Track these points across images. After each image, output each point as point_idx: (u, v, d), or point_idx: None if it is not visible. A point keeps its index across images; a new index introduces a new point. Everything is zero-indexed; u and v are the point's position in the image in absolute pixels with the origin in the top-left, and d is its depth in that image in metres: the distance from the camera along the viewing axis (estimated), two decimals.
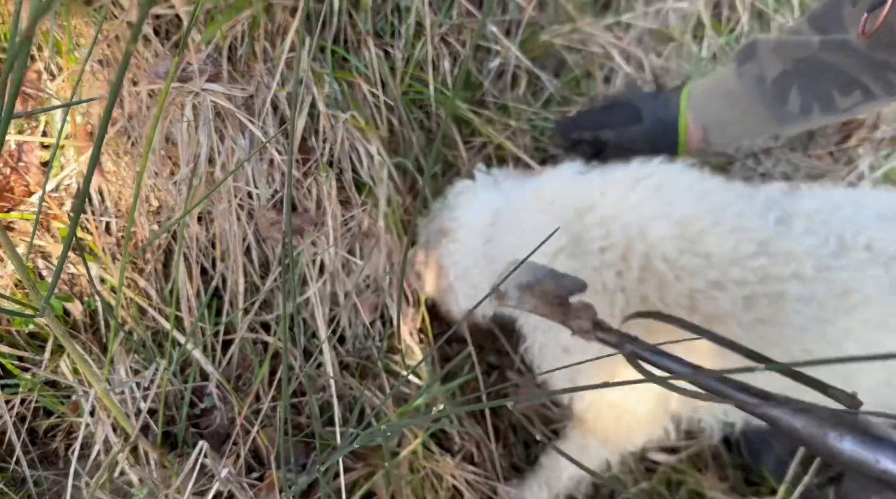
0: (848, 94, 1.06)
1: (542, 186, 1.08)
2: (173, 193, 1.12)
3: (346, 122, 1.24)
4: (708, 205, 0.95)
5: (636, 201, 0.97)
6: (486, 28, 1.53)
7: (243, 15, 1.20)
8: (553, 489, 1.28)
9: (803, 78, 1.09)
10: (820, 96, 1.09)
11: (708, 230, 0.92)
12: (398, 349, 1.32)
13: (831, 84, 1.07)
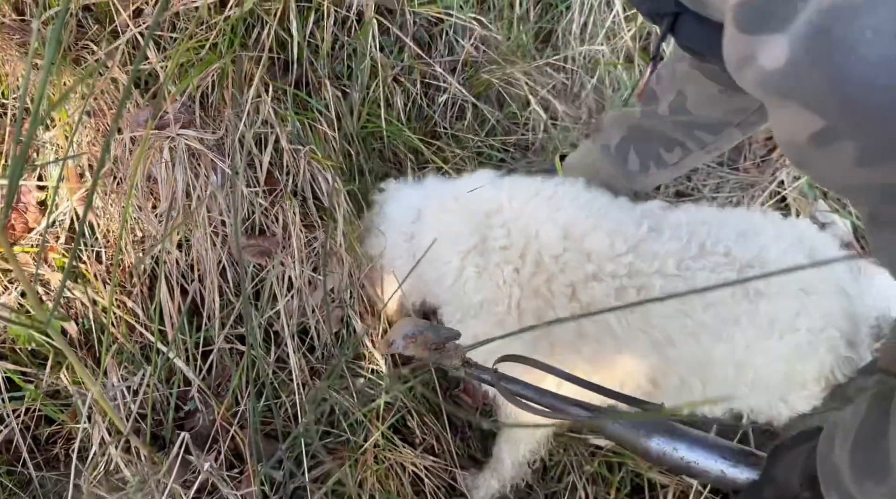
0: (671, 151, 1.29)
1: (458, 190, 1.26)
2: (155, 224, 1.28)
3: (307, 155, 1.41)
4: (590, 212, 1.14)
5: (534, 207, 1.16)
6: (434, 68, 1.71)
7: (213, 67, 1.37)
8: (500, 477, 1.43)
9: (636, 142, 1.32)
10: (652, 155, 1.32)
11: (588, 232, 1.10)
12: (363, 355, 1.48)
13: (658, 145, 1.29)
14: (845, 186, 0.46)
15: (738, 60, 0.48)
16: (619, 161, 1.36)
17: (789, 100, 0.44)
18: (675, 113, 1.23)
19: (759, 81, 0.46)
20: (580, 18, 1.97)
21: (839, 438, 0.67)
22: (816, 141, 0.44)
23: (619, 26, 1.96)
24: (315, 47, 1.58)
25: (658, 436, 0.83)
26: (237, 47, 1.45)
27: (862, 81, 0.38)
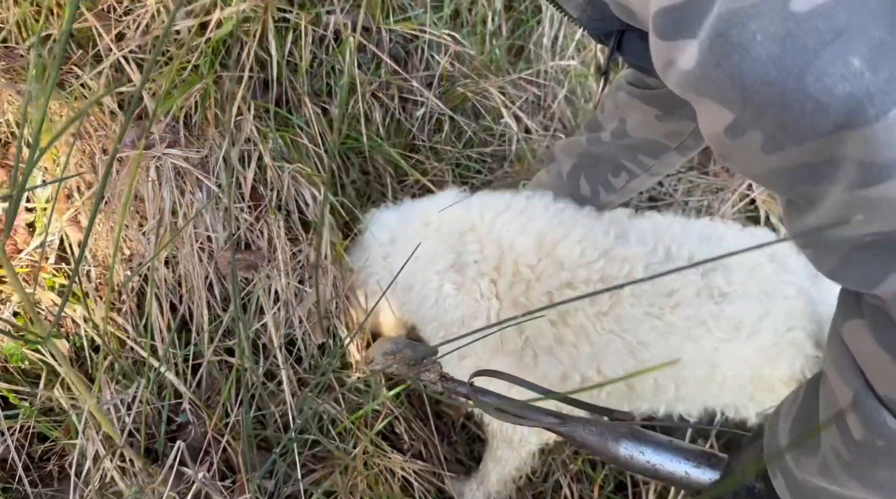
0: (618, 176, 1.36)
1: (428, 212, 1.31)
2: (143, 242, 1.31)
3: (290, 171, 1.45)
4: (560, 221, 1.19)
5: (506, 220, 1.21)
6: (411, 83, 1.76)
7: (195, 88, 1.41)
8: (486, 491, 1.48)
9: (585, 169, 1.39)
10: (600, 180, 1.38)
11: (560, 241, 1.16)
12: (349, 364, 1.51)
13: (605, 170, 1.36)
14: (759, 173, 0.51)
15: (662, 65, 0.53)
16: (571, 187, 1.42)
17: (703, 97, 0.49)
18: (617, 138, 1.30)
19: (679, 82, 0.51)
20: (551, 32, 2.03)
21: (781, 421, 0.72)
22: (729, 133, 0.49)
23: (588, 39, 2.02)
24: (294, 66, 1.63)
25: (626, 441, 0.88)
26: (218, 68, 1.49)
27: (756, 78, 0.44)
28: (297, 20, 1.58)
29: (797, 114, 0.43)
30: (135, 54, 1.43)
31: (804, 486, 0.68)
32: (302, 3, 1.62)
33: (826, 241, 0.50)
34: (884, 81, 0.40)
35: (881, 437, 0.52)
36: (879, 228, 0.45)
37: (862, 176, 0.43)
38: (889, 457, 0.52)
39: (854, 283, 0.50)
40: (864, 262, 0.48)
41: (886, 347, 0.50)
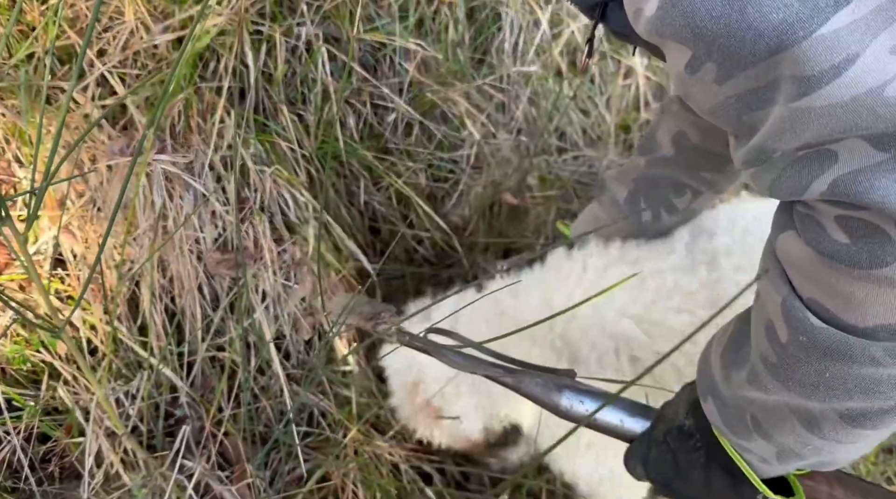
0: (681, 196, 1.32)
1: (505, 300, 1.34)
2: (135, 246, 1.37)
3: (271, 175, 1.52)
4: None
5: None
6: (381, 89, 1.85)
7: (177, 99, 1.48)
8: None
9: (645, 192, 1.35)
10: (662, 203, 1.34)
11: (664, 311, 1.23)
12: (335, 359, 1.58)
13: (667, 192, 1.33)
14: (714, 106, 0.58)
15: (633, 15, 0.60)
16: (631, 214, 1.37)
17: (666, 38, 0.56)
18: (677, 155, 1.28)
19: (646, 29, 0.58)
20: (511, 38, 2.14)
21: (713, 351, 0.79)
22: (689, 69, 0.56)
23: (548, 43, 2.13)
24: (269, 76, 1.70)
25: (567, 392, 0.92)
26: (197, 79, 1.56)
27: (705, 14, 0.51)
28: (271, 32, 1.65)
29: (739, 42, 0.50)
30: (117, 68, 1.49)
31: (731, 404, 0.74)
32: (274, 16, 1.69)
33: (765, 159, 0.57)
34: (810, 9, 0.47)
35: (804, 333, 0.59)
36: (808, 140, 0.52)
37: (794, 90, 0.50)
38: (808, 352, 0.59)
39: (786, 193, 0.56)
40: (794, 174, 0.55)
41: (811, 245, 0.57)
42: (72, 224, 1.36)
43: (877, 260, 0.52)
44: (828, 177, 0.52)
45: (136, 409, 1.27)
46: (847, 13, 0.47)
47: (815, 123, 0.51)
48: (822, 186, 0.52)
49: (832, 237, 0.55)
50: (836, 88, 0.48)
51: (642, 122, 2.21)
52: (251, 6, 1.65)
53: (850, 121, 0.49)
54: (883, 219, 0.51)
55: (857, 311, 0.56)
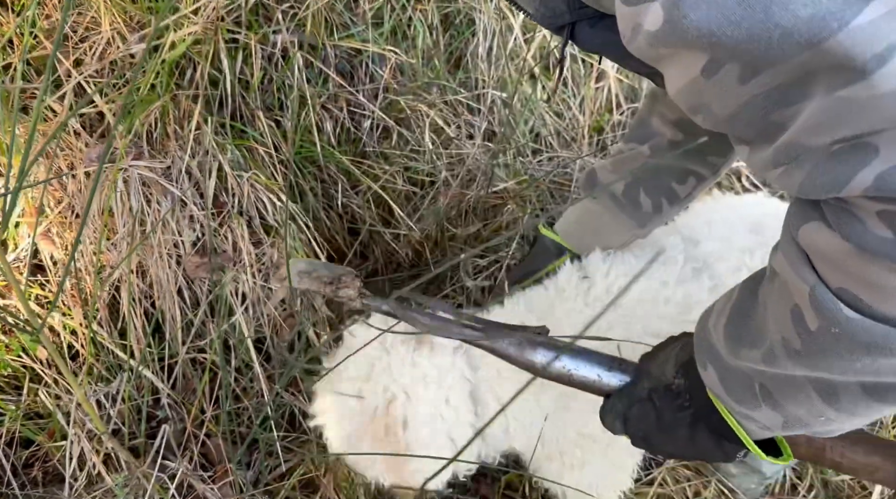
0: (684, 183, 1.30)
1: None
2: (114, 251, 1.39)
3: (249, 179, 1.54)
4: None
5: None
6: (357, 96, 1.88)
7: (154, 106, 1.50)
8: None
9: (645, 182, 1.32)
10: (664, 192, 1.31)
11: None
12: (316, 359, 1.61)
13: (669, 180, 1.30)
14: (735, 108, 0.57)
15: (630, 31, 0.59)
16: (630, 206, 1.33)
17: (676, 48, 0.55)
18: (683, 141, 1.25)
19: (647, 43, 0.57)
20: (485, 43, 2.18)
21: (713, 319, 0.78)
22: (706, 73, 0.55)
23: (521, 48, 2.18)
24: (246, 83, 1.73)
25: (542, 349, 0.91)
26: (173, 87, 1.58)
27: (721, 21, 0.51)
28: (247, 40, 1.68)
29: (766, 43, 0.50)
30: (94, 78, 1.51)
31: (737, 374, 0.74)
32: (249, 24, 1.72)
33: (795, 157, 0.56)
34: (841, 2, 0.47)
35: (836, 325, 0.58)
36: (845, 134, 0.51)
37: (835, 81, 0.49)
38: (840, 342, 0.59)
39: (822, 190, 0.54)
40: (829, 169, 0.53)
41: (849, 239, 0.55)
42: (51, 230, 1.38)
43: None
44: (870, 172, 0.50)
45: (116, 411, 1.28)
46: (881, 3, 0.47)
47: (858, 115, 0.49)
48: (864, 181, 0.50)
49: (874, 232, 0.53)
50: (881, 78, 0.47)
51: (615, 123, 2.26)
52: (227, 15, 1.68)
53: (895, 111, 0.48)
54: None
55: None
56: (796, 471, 1.77)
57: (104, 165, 1.36)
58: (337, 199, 1.85)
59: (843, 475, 1.76)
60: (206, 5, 1.59)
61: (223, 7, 1.64)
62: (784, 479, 1.73)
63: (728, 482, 1.66)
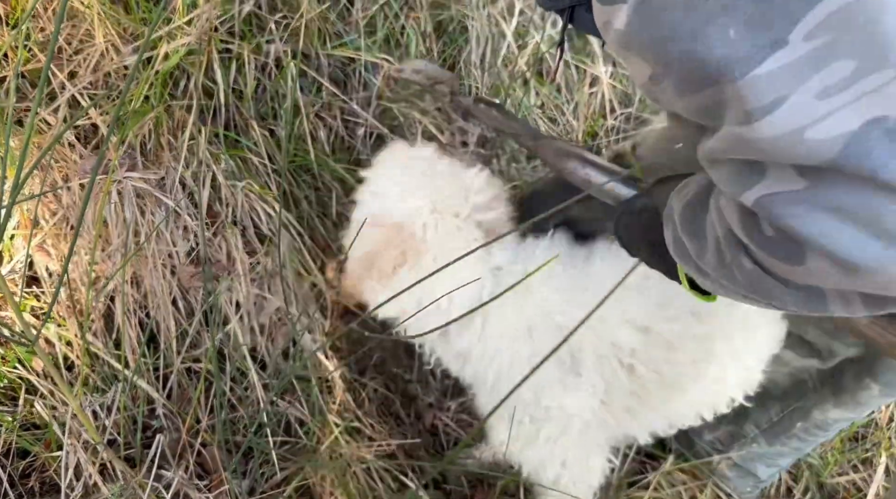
0: None
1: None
2: (109, 263, 1.40)
3: (243, 189, 1.55)
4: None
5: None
6: (351, 104, 1.89)
7: (148, 117, 1.51)
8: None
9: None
10: None
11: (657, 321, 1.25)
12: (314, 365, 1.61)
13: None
14: (679, 110, 0.65)
15: (602, 26, 0.65)
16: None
17: (631, 53, 0.62)
18: None
19: (614, 40, 0.63)
20: (479, 50, 2.19)
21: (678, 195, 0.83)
22: (652, 82, 0.62)
23: (514, 55, 2.19)
24: (240, 93, 1.74)
25: (575, 161, 1.12)
26: (168, 98, 1.59)
27: (665, 38, 0.56)
28: (240, 50, 1.69)
29: (689, 69, 0.56)
30: (88, 90, 1.53)
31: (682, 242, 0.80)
32: (243, 35, 1.74)
33: (715, 160, 0.63)
34: (749, 48, 0.52)
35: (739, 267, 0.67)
36: (741, 157, 0.59)
37: (735, 117, 0.56)
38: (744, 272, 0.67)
39: (729, 193, 0.64)
40: (731, 182, 0.62)
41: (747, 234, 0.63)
42: (46, 242, 1.39)
43: (796, 259, 0.59)
44: (755, 193, 0.58)
45: (112, 421, 1.29)
46: (784, 54, 0.51)
47: (751, 149, 0.56)
48: (749, 199, 0.59)
49: (762, 229, 0.61)
50: (765, 125, 0.53)
51: (609, 128, 2.27)
52: (220, 25, 1.69)
53: (777, 152, 0.54)
54: (796, 239, 0.56)
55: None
56: (792, 474, 1.77)
57: (99, 176, 1.37)
58: (332, 207, 1.86)
59: (838, 478, 1.76)
60: (199, 16, 1.60)
61: (217, 18, 1.65)
62: (780, 482, 1.73)
63: (724, 486, 1.66)
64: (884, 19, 0.48)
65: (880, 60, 0.49)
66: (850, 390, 1.37)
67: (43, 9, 1.57)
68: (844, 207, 0.53)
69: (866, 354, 1.32)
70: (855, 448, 1.83)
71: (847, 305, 0.64)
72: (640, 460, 1.74)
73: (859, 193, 0.52)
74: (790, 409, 1.50)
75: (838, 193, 0.53)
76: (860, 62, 0.49)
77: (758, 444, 1.57)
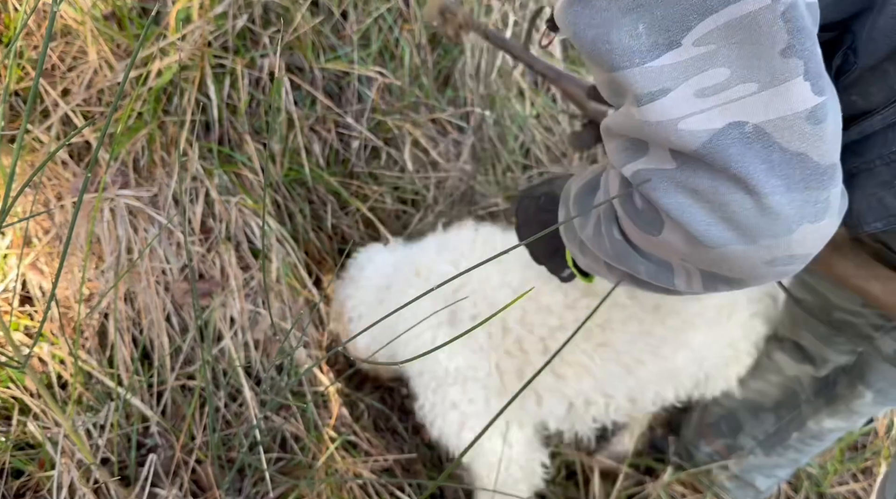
0: None
1: (418, 263, 1.40)
2: (102, 280, 1.40)
3: (237, 204, 1.55)
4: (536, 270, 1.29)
5: (486, 274, 1.30)
6: (345, 117, 1.89)
7: (141, 134, 1.51)
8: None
9: None
10: None
11: (541, 288, 1.27)
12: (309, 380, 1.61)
13: None
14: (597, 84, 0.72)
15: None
16: None
17: (564, 31, 0.68)
18: None
19: (556, 17, 0.69)
20: (473, 61, 2.19)
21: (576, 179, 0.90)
22: (583, 56, 0.70)
23: (508, 65, 2.19)
24: (233, 107, 1.74)
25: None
26: (161, 114, 1.59)
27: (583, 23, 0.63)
28: (233, 65, 1.69)
29: (599, 53, 0.62)
30: (81, 107, 1.53)
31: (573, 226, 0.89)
32: (237, 49, 1.74)
33: (612, 133, 0.70)
34: (651, 43, 0.59)
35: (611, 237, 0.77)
36: (629, 134, 0.67)
37: (630, 99, 0.63)
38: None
39: (615, 163, 0.71)
40: (620, 153, 0.69)
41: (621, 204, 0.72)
42: (39, 261, 1.39)
43: (655, 229, 0.69)
44: (634, 166, 0.67)
45: (105, 439, 1.28)
46: (675, 54, 0.59)
47: (637, 128, 0.64)
48: (629, 171, 0.68)
49: (634, 201, 0.70)
50: (649, 110, 0.61)
51: None
52: (214, 40, 1.69)
53: (656, 135, 0.63)
54: (658, 209, 0.66)
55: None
56: (791, 484, 1.76)
57: (91, 195, 1.37)
58: (326, 220, 1.86)
59: (837, 487, 1.75)
60: (193, 31, 1.61)
61: (210, 33, 1.66)
62: (779, 492, 1.72)
63: (724, 497, 1.65)
64: (757, 39, 0.57)
65: (748, 74, 0.58)
66: (843, 398, 1.37)
67: (36, 26, 1.58)
68: (700, 190, 0.62)
69: (858, 362, 1.33)
70: (854, 458, 1.82)
71: (689, 280, 0.74)
72: (639, 476, 1.73)
73: (713, 180, 0.62)
74: (785, 420, 1.50)
75: (698, 177, 0.62)
76: (733, 72, 0.59)
77: (755, 455, 1.56)
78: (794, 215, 0.62)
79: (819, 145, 0.60)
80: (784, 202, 0.61)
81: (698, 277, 0.72)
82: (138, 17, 1.62)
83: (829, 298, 1.25)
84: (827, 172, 0.62)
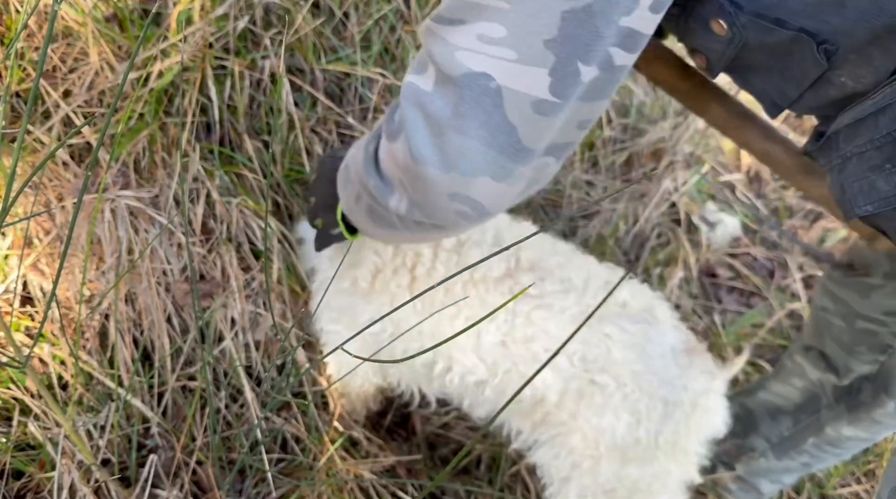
0: None
1: None
2: (102, 281, 1.40)
3: (238, 205, 1.55)
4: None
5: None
6: (346, 118, 1.89)
7: (142, 135, 1.51)
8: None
9: None
10: None
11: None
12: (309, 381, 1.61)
13: None
14: None
15: None
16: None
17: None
18: None
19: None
20: None
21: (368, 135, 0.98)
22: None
23: None
24: (234, 108, 1.74)
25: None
26: (162, 115, 1.60)
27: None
28: (234, 66, 1.69)
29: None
30: (82, 108, 1.53)
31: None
32: (238, 51, 1.74)
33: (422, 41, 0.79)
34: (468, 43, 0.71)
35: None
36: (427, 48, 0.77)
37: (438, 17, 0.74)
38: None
39: (410, 70, 0.81)
40: (417, 62, 0.79)
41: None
42: (40, 262, 1.39)
43: (393, 138, 0.82)
44: (411, 78, 0.80)
45: (105, 441, 1.28)
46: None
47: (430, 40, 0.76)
48: (407, 80, 0.81)
49: (394, 117, 0.83)
50: (443, 30, 0.73)
51: (605, 139, 2.26)
52: (215, 42, 1.69)
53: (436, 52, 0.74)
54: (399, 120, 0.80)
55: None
56: (794, 487, 1.75)
57: (92, 195, 1.37)
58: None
59: (840, 489, 1.75)
60: (194, 33, 1.61)
61: (211, 34, 1.66)
62: (781, 495, 1.71)
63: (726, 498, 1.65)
64: (537, 19, 0.66)
65: (516, 43, 0.68)
66: (866, 406, 1.35)
67: (37, 27, 1.58)
68: (431, 115, 0.74)
69: (881, 372, 1.31)
70: (857, 460, 1.81)
71: (399, 201, 0.85)
72: None
73: (444, 112, 0.73)
74: (803, 424, 1.48)
75: (437, 103, 0.74)
76: (508, 34, 0.68)
77: (766, 458, 1.55)
78: (481, 164, 0.75)
79: (530, 130, 0.73)
80: (480, 150, 0.74)
81: (406, 199, 0.85)
82: (139, 19, 1.62)
83: (851, 306, 1.24)
84: (522, 152, 0.74)
